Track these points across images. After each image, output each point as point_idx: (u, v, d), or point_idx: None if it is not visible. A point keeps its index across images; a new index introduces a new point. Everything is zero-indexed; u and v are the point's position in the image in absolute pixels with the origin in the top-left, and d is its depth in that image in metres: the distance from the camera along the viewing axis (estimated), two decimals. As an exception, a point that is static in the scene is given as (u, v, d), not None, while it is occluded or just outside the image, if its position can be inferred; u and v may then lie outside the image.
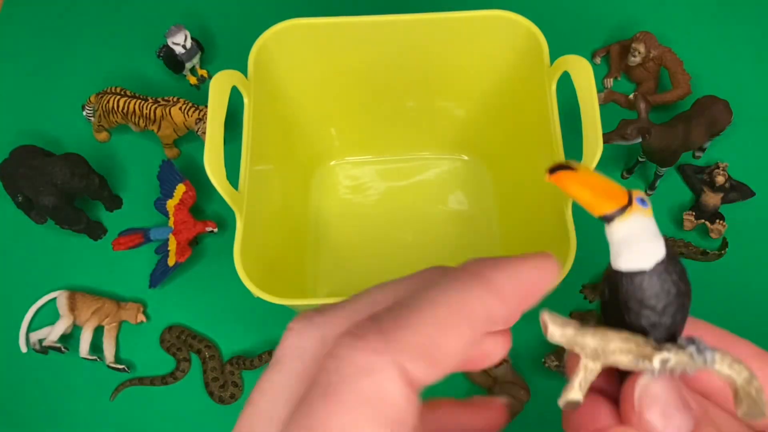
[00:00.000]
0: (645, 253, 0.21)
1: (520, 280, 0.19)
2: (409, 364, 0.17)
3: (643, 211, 0.21)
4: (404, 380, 0.17)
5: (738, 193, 0.69)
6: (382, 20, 0.57)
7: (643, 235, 0.21)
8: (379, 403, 0.16)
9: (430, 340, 0.17)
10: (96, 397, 0.65)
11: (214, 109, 0.51)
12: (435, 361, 0.17)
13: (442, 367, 0.17)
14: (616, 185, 0.21)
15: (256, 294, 0.49)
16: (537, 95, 0.57)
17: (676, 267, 0.20)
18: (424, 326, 0.17)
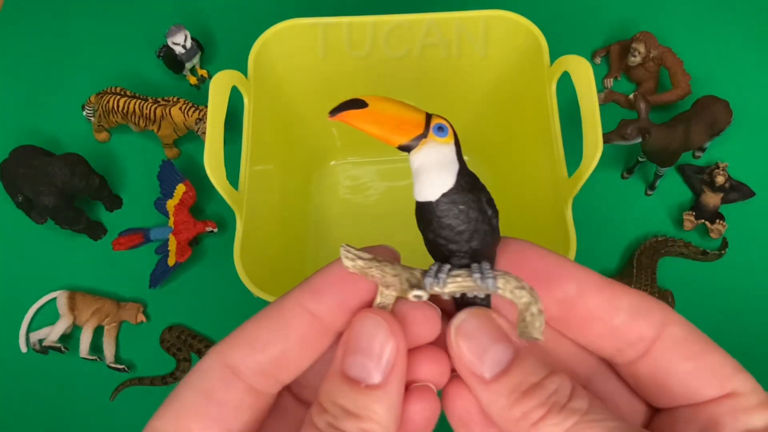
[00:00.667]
0: (432, 184, 0.21)
1: (324, 274, 0.21)
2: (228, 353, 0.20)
3: (439, 140, 0.21)
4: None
5: (738, 193, 0.69)
6: (382, 20, 0.57)
7: (434, 167, 0.21)
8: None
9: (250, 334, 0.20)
10: (96, 397, 0.65)
11: (214, 109, 0.51)
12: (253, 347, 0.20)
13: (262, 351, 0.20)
14: (413, 114, 0.22)
15: (256, 294, 0.49)
16: (537, 95, 0.57)
17: (465, 197, 0.21)
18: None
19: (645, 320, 0.22)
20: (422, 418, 0.21)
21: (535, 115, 0.57)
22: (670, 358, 0.21)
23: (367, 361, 0.20)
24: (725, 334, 0.65)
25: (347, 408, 0.19)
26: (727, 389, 0.21)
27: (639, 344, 0.21)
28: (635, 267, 0.65)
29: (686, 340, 0.22)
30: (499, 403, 0.20)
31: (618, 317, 0.21)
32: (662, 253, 0.67)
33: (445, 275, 0.21)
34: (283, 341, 0.20)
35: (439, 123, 0.22)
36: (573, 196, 0.50)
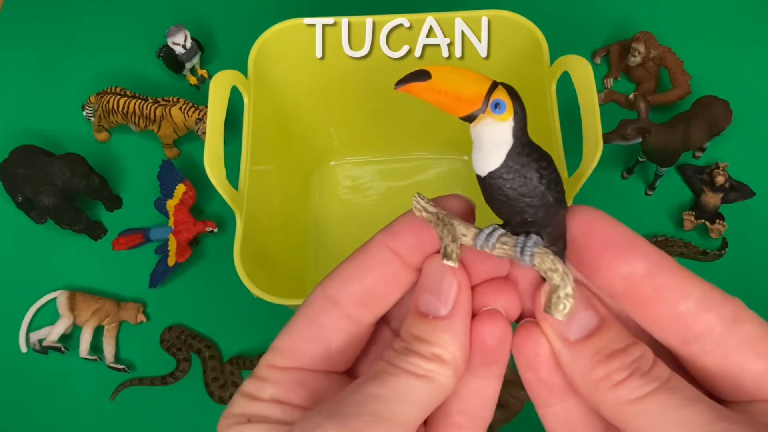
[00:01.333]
0: (482, 160, 0.23)
1: (402, 221, 0.24)
2: None
3: (494, 117, 0.22)
4: None
5: (738, 193, 0.69)
6: (382, 20, 0.57)
7: (486, 143, 0.22)
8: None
9: None
10: (96, 397, 0.65)
11: (214, 109, 0.51)
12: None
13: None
14: (474, 88, 0.22)
15: (256, 294, 0.49)
16: (537, 95, 0.57)
17: (513, 175, 0.22)
18: None
19: (714, 312, 0.21)
20: (493, 338, 0.22)
21: (535, 115, 0.57)
22: (743, 356, 0.20)
23: (434, 298, 0.22)
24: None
25: (418, 335, 0.22)
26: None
27: (706, 338, 0.21)
28: (635, 267, 0.65)
29: (760, 337, 0.21)
30: (581, 363, 0.21)
31: (684, 304, 0.21)
32: (662, 253, 0.67)
33: (495, 240, 0.22)
34: (371, 274, 0.23)
35: (498, 99, 0.22)
36: (573, 196, 0.50)
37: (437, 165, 0.72)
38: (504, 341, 0.23)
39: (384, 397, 0.21)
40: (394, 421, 0.20)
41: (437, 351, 0.21)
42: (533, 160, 0.23)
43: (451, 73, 0.22)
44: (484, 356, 0.23)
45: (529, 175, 0.23)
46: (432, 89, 0.22)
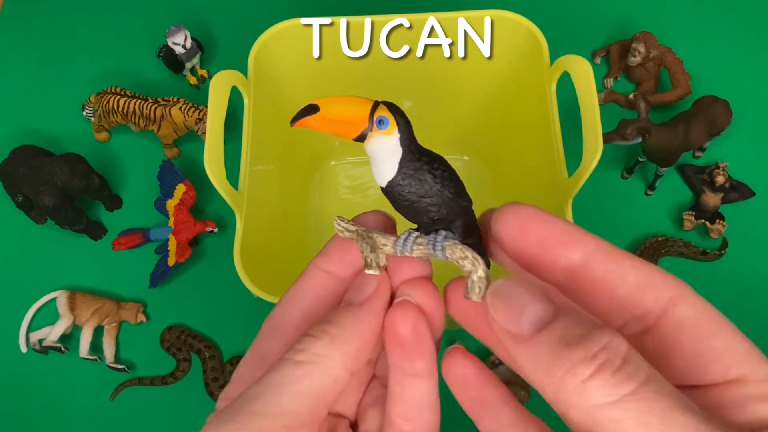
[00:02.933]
0: (380, 173, 0.25)
1: (332, 243, 0.27)
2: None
3: (381, 132, 0.25)
4: None
5: (738, 193, 0.69)
6: (382, 20, 0.57)
7: (379, 156, 0.25)
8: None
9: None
10: (96, 397, 0.65)
11: (214, 109, 0.51)
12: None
13: None
14: (357, 111, 0.25)
15: (256, 294, 0.49)
16: (537, 95, 0.57)
17: (409, 181, 0.25)
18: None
19: (653, 293, 0.20)
20: (405, 325, 0.23)
21: (535, 115, 0.57)
22: (678, 336, 0.20)
23: (353, 292, 0.24)
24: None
25: (324, 319, 0.23)
26: (733, 375, 0.19)
27: (645, 319, 0.20)
28: (635, 267, 0.65)
29: (695, 320, 0.20)
30: (540, 361, 0.18)
31: (622, 289, 0.21)
32: (662, 253, 0.67)
33: (411, 243, 0.24)
34: (308, 296, 0.25)
35: (381, 116, 0.25)
36: (573, 196, 0.50)
37: (437, 165, 0.72)
38: (418, 331, 0.23)
39: (260, 394, 0.21)
40: (270, 415, 0.20)
41: (329, 329, 0.22)
42: (424, 163, 0.25)
43: (336, 103, 0.25)
44: (401, 347, 0.23)
45: (422, 177, 0.25)
46: (323, 119, 0.25)
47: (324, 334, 0.22)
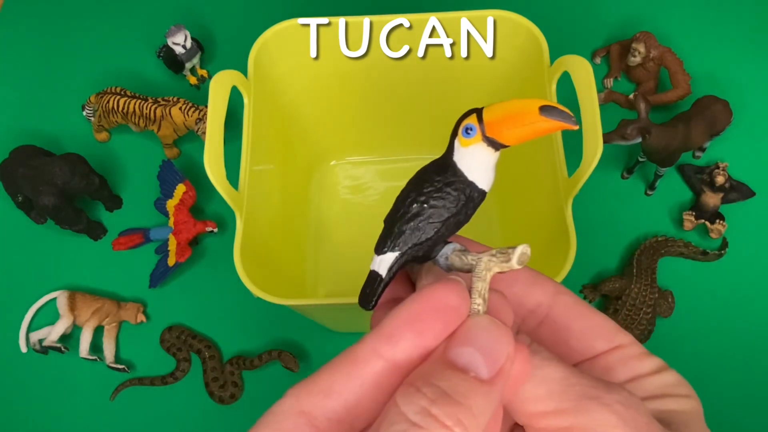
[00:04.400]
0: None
1: (397, 316, 0.20)
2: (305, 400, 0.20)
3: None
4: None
5: (738, 193, 0.69)
6: (382, 20, 0.57)
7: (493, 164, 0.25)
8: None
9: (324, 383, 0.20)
10: (96, 397, 0.65)
11: (214, 109, 0.51)
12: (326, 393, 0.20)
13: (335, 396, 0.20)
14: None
15: (256, 294, 0.49)
16: (537, 95, 0.57)
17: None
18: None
19: (540, 288, 0.25)
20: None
21: (535, 115, 0.57)
22: (566, 319, 0.25)
23: (480, 356, 0.20)
24: (725, 334, 0.65)
25: (446, 390, 0.19)
26: (615, 343, 0.24)
27: (538, 310, 0.25)
28: (635, 267, 0.65)
29: (576, 304, 0.25)
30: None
31: (516, 285, 0.25)
32: (662, 253, 0.67)
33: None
34: (358, 389, 0.20)
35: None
36: (573, 196, 0.50)
37: (437, 165, 0.72)
38: None
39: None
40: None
41: (464, 419, 0.18)
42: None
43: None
44: None
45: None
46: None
47: (459, 425, 0.18)
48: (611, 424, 0.20)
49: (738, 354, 0.65)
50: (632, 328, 0.63)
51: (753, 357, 0.65)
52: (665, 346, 0.65)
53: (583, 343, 0.25)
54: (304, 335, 0.66)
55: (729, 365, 0.64)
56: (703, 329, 0.66)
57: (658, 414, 0.22)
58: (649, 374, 0.24)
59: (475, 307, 0.21)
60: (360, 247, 0.69)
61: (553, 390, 0.21)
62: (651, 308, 0.63)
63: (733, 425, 0.62)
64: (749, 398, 0.63)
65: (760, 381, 0.64)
